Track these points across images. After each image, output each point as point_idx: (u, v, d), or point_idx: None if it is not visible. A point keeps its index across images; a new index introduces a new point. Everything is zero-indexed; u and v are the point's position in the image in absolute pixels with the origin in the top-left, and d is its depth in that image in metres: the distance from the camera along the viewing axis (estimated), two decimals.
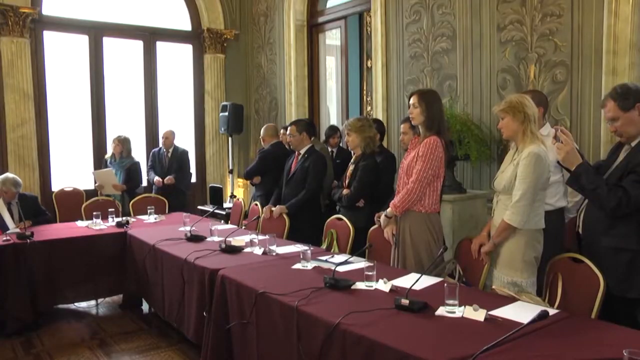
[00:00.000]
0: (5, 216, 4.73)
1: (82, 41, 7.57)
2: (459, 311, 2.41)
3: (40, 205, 5.64)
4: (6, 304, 4.43)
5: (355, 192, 4.43)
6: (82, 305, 5.20)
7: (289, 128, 5.20)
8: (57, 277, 4.66)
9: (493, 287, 2.96)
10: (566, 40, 4.33)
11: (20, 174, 6.83)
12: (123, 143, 6.70)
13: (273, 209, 4.99)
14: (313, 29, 7.49)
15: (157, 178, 6.76)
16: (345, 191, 4.53)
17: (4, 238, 4.57)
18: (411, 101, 3.51)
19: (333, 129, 6.21)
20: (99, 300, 5.29)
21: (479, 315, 2.35)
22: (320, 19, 7.34)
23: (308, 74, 7.55)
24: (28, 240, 4.55)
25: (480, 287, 3.16)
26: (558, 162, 2.96)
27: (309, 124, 5.26)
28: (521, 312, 2.38)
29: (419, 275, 2.81)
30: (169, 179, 6.72)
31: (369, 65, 7.39)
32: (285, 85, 7.65)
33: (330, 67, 7.89)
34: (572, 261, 2.89)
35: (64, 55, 7.47)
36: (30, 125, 7.04)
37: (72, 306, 5.15)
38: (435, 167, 3.41)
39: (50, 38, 7.32)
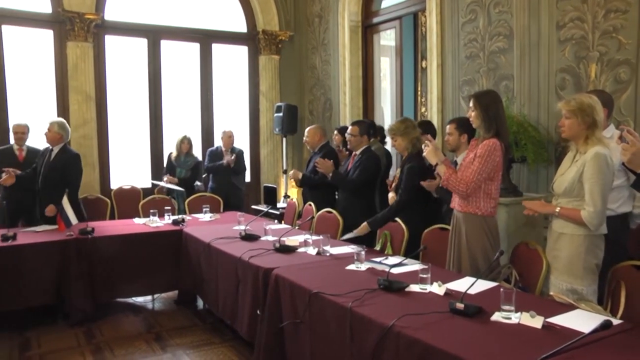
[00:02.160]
0: (68, 212, 4.89)
1: (141, 44, 7.79)
2: (515, 317, 2.36)
3: (74, 168, 5.33)
4: (70, 296, 4.62)
5: (403, 199, 4.27)
6: (139, 299, 5.37)
7: (350, 127, 5.13)
8: (116, 271, 4.82)
9: (551, 293, 2.88)
10: (632, 37, 4.16)
11: None
12: (190, 142, 6.96)
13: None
14: (367, 29, 7.48)
15: (227, 158, 6.96)
16: (390, 195, 4.48)
17: (68, 233, 4.76)
18: (470, 104, 3.46)
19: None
20: (155, 296, 5.44)
21: (536, 322, 2.30)
22: (375, 20, 7.32)
23: (362, 74, 7.54)
24: (89, 236, 4.73)
25: (537, 293, 3.09)
26: (623, 164, 2.85)
27: (371, 126, 5.21)
28: (581, 320, 2.31)
29: (473, 279, 2.77)
30: (232, 159, 6.94)
31: (423, 65, 7.33)
32: (340, 86, 7.66)
33: (385, 67, 7.86)
34: (635, 269, 2.78)
35: (123, 58, 7.71)
36: (91, 125, 7.30)
37: (129, 300, 5.33)
38: (489, 170, 3.33)
39: (111, 42, 7.57)
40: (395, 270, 3.16)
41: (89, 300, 4.69)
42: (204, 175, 7.41)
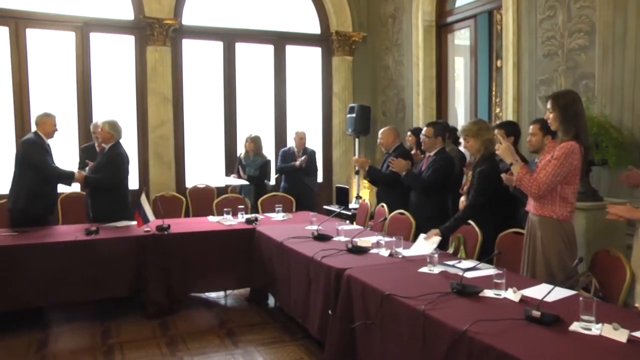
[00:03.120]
0: (146, 208, 5.06)
1: (216, 47, 8.01)
2: (596, 329, 2.26)
3: (113, 165, 5.36)
4: (147, 289, 4.81)
5: (474, 203, 4.15)
6: (212, 295, 5.52)
7: (424, 129, 5.08)
8: (191, 267, 4.97)
9: (636, 304, 2.75)
10: None
11: (158, 170, 7.46)
12: (255, 141, 7.06)
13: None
14: (441, 29, 7.36)
15: (299, 160, 7.05)
16: (462, 199, 4.39)
17: (145, 229, 4.95)
18: (547, 105, 3.36)
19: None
20: (228, 292, 5.58)
21: (620, 335, 2.18)
22: (449, 19, 7.20)
23: (436, 75, 7.43)
24: (165, 232, 4.92)
25: (620, 304, 2.94)
26: None
27: (446, 128, 5.13)
28: None
29: (550, 286, 2.68)
30: (303, 160, 7.00)
31: (498, 65, 7.14)
32: (413, 87, 7.58)
33: (459, 67, 7.71)
34: None
35: (200, 61, 7.96)
36: (168, 126, 7.58)
37: (202, 296, 5.49)
38: (564, 173, 3.22)
39: (188, 45, 7.83)
40: (468, 275, 3.10)
41: (165, 294, 4.86)
42: (276, 176, 7.52)
